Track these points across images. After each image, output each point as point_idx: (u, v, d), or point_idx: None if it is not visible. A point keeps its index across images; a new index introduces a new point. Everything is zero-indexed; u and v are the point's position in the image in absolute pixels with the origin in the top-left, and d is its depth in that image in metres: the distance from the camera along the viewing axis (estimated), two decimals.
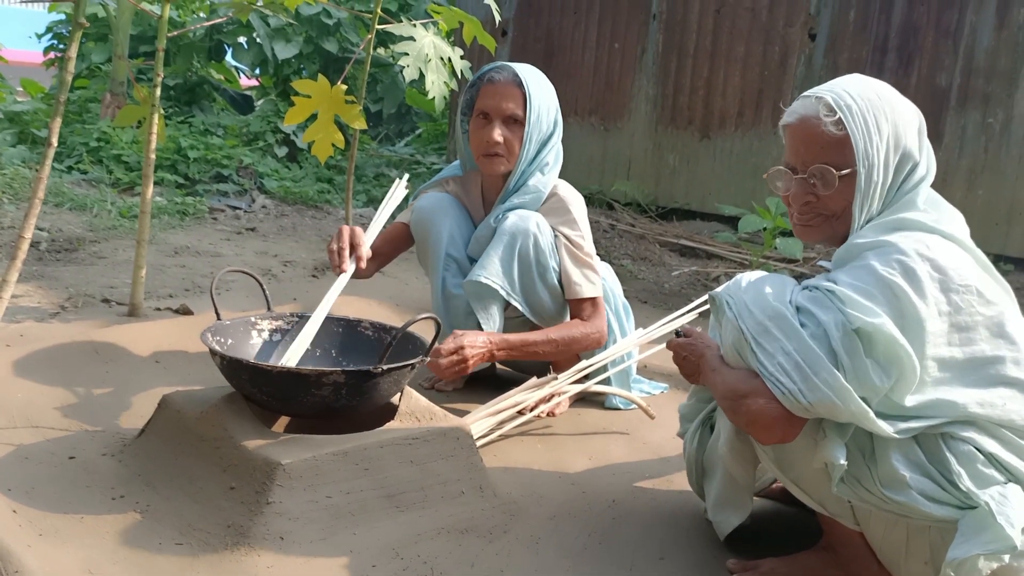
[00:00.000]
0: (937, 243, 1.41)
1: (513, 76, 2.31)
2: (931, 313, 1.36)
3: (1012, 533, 1.30)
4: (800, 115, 1.52)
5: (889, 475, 1.38)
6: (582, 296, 2.33)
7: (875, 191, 1.48)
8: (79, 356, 2.38)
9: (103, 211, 4.53)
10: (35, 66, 9.75)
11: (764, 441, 1.46)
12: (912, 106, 1.53)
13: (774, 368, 1.39)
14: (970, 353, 1.39)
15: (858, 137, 1.46)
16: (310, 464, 1.62)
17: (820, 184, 1.51)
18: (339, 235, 2.16)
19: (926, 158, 1.51)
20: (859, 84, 1.51)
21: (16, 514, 1.60)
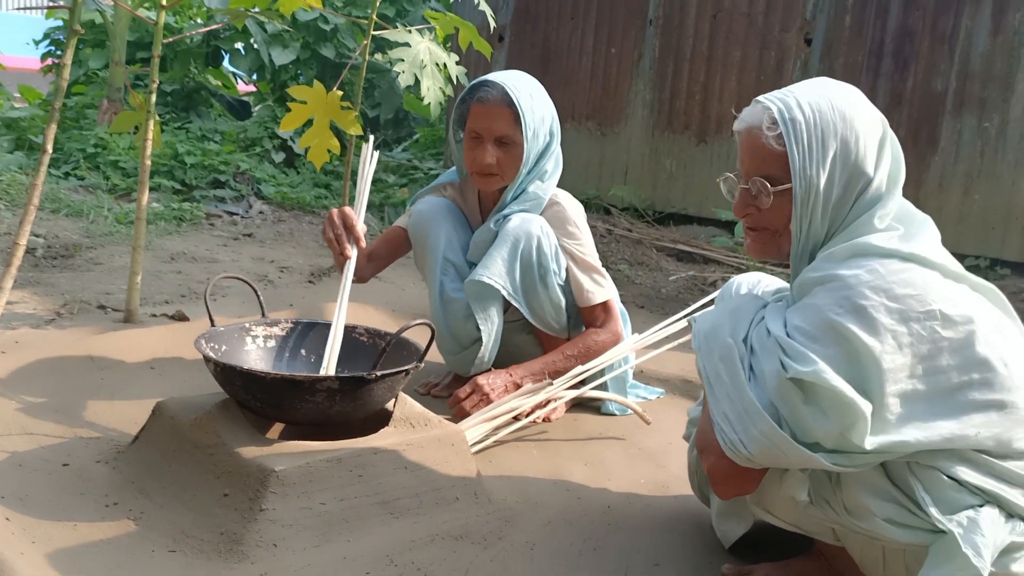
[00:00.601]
0: (894, 269, 1.32)
1: (503, 96, 2.26)
2: (888, 349, 1.27)
3: (978, 563, 1.24)
4: (747, 124, 1.46)
5: (854, 503, 1.34)
6: (594, 302, 2.36)
7: (816, 211, 1.40)
8: (74, 363, 2.37)
9: (100, 217, 4.52)
10: (33, 72, 9.76)
11: (722, 496, 1.44)
12: (873, 117, 1.42)
13: (719, 417, 1.36)
14: (935, 384, 1.29)
15: (796, 154, 1.39)
16: (304, 471, 1.62)
17: (758, 197, 1.45)
18: (330, 222, 2.09)
19: (885, 172, 1.41)
20: (815, 93, 1.42)
21: (9, 521, 1.59)
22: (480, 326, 2.32)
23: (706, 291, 4.15)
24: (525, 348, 2.50)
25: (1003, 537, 1.28)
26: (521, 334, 2.48)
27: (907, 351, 1.28)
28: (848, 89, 1.45)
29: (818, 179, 1.38)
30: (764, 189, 1.44)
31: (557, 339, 2.43)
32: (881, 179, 1.41)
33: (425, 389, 2.53)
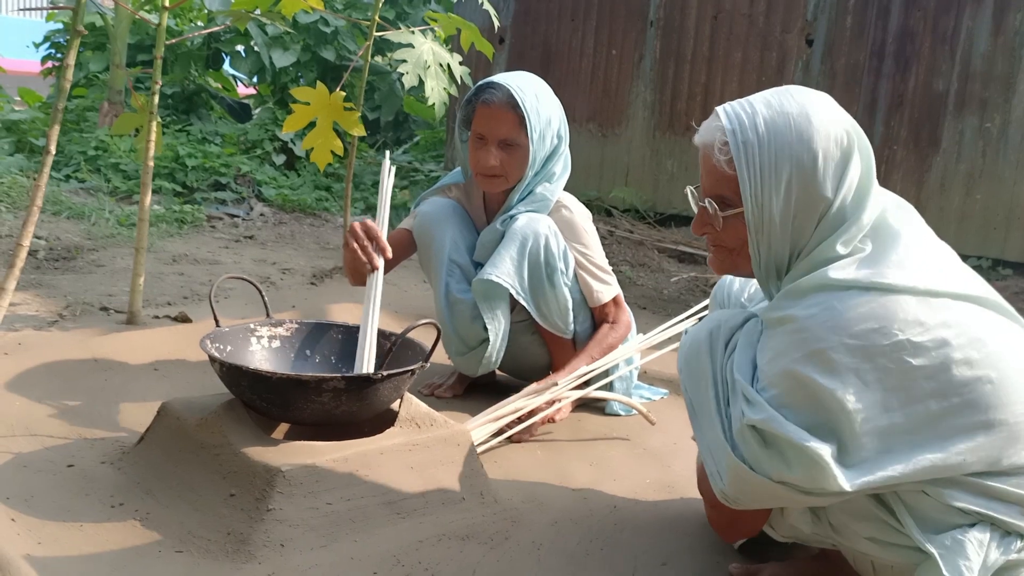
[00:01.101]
0: (852, 304, 1.25)
1: (508, 98, 2.24)
2: (851, 390, 1.21)
3: None
4: (702, 140, 1.40)
5: (837, 521, 1.33)
6: (604, 301, 2.42)
7: (773, 235, 1.35)
8: (77, 364, 2.37)
9: (101, 219, 4.52)
10: (33, 75, 9.75)
11: (729, 541, 1.45)
12: (836, 134, 1.32)
13: (704, 449, 1.35)
14: (914, 415, 1.22)
15: (747, 180, 1.32)
16: (310, 471, 1.61)
17: (711, 217, 1.41)
18: (354, 234, 2.01)
19: (850, 191, 1.33)
20: (775, 108, 1.34)
21: (15, 522, 1.59)
22: (487, 326, 2.32)
23: (708, 292, 4.14)
24: (530, 349, 2.49)
25: (995, 558, 1.23)
26: (526, 335, 2.48)
27: (875, 387, 1.22)
28: (814, 102, 1.35)
29: (771, 204, 1.32)
30: (715, 211, 1.40)
31: (562, 340, 2.43)
32: (845, 198, 1.33)
33: (429, 390, 2.53)
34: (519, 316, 2.44)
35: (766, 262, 1.38)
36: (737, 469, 1.28)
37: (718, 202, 1.39)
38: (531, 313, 2.34)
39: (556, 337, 2.43)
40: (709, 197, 1.40)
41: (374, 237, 2.00)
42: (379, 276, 1.97)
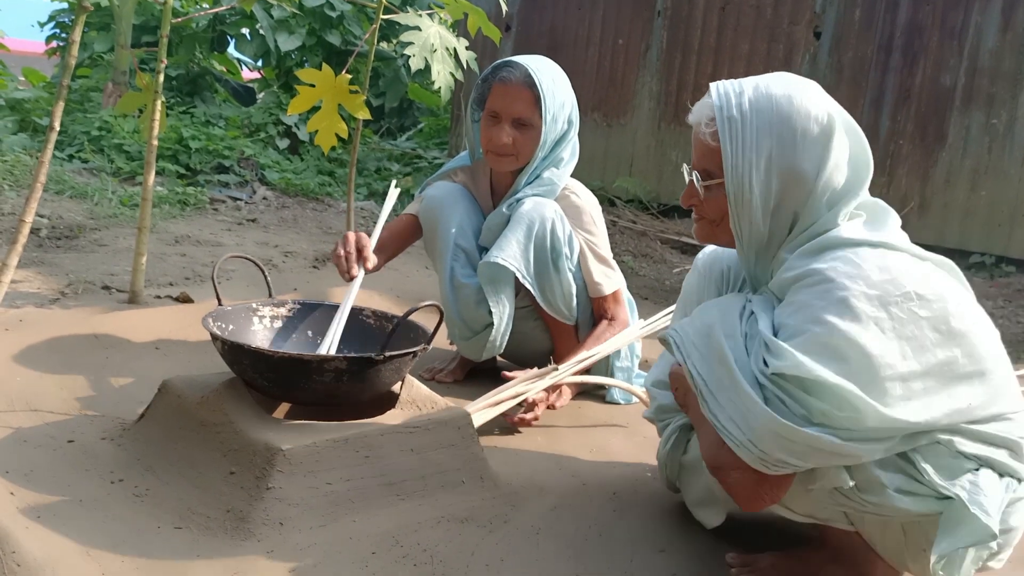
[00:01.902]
0: (867, 256, 1.34)
1: (525, 77, 2.27)
2: (872, 336, 1.26)
3: (989, 521, 1.27)
4: (694, 118, 1.50)
5: (866, 479, 1.34)
6: (604, 294, 2.41)
7: (754, 210, 1.42)
8: (79, 342, 2.37)
9: (104, 199, 4.52)
10: (37, 55, 9.74)
11: (752, 510, 1.41)
12: (818, 116, 1.40)
13: (726, 422, 1.33)
14: (925, 362, 1.29)
15: (729, 152, 1.41)
16: (311, 450, 1.61)
17: (696, 187, 1.50)
18: (344, 241, 2.11)
19: (836, 171, 1.41)
20: (761, 89, 1.43)
21: (14, 496, 1.59)
22: (492, 310, 2.32)
23: None
24: (533, 335, 2.49)
25: (1002, 495, 1.32)
26: (529, 320, 2.48)
27: (891, 335, 1.28)
28: (799, 86, 1.44)
29: (750, 177, 1.40)
30: (699, 182, 1.49)
31: (565, 326, 2.42)
32: (831, 179, 1.41)
33: (430, 374, 2.53)
34: (522, 302, 2.44)
35: (748, 238, 1.46)
36: (773, 425, 1.28)
37: (702, 174, 1.49)
38: (535, 298, 2.34)
39: (559, 324, 2.43)
40: (696, 170, 1.51)
41: (361, 248, 2.11)
42: (356, 283, 2.07)
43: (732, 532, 1.73)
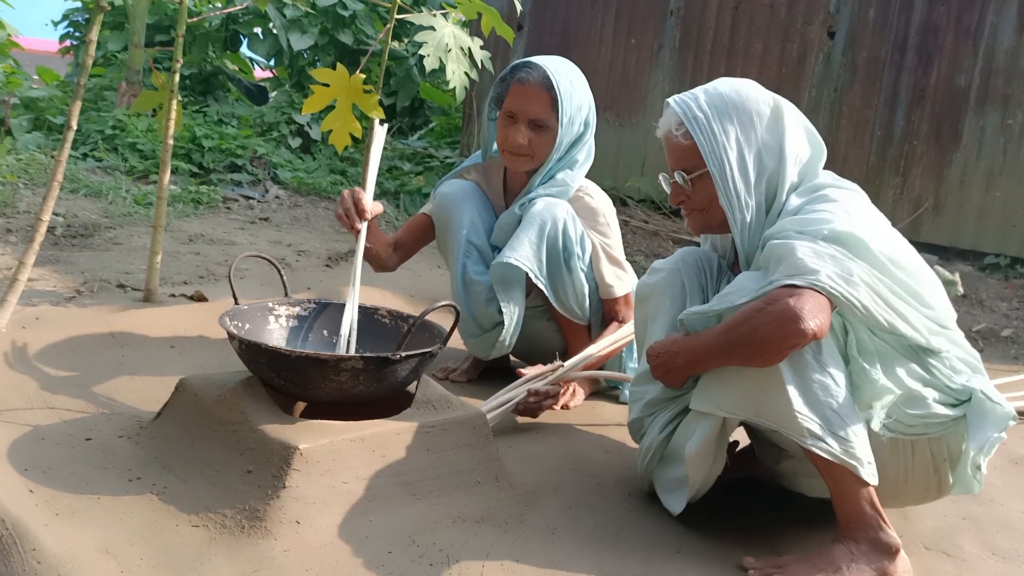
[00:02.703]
0: (849, 193, 1.67)
1: (544, 79, 2.27)
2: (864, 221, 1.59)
3: (1008, 407, 1.56)
4: (662, 130, 1.76)
5: (908, 395, 1.56)
6: (616, 296, 2.41)
7: (738, 183, 1.67)
8: (95, 340, 2.38)
9: (118, 198, 4.54)
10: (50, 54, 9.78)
11: (801, 334, 1.47)
12: (765, 99, 1.69)
13: (750, 307, 1.54)
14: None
15: (704, 143, 1.67)
16: (327, 449, 1.62)
17: (683, 185, 1.74)
18: (341, 199, 2.16)
19: (796, 143, 1.69)
20: (711, 91, 1.71)
21: (33, 493, 1.60)
22: (503, 309, 2.32)
23: None
24: (545, 335, 2.49)
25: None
26: (541, 320, 2.48)
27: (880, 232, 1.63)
28: (741, 82, 1.73)
29: (727, 156, 1.66)
30: (684, 179, 1.73)
31: (578, 326, 2.42)
32: (795, 149, 1.69)
33: (443, 374, 2.53)
34: (535, 301, 2.44)
35: (740, 210, 1.68)
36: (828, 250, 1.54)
37: (684, 171, 1.73)
38: (548, 297, 2.34)
39: (571, 323, 2.42)
40: (677, 171, 1.75)
41: (356, 200, 2.13)
42: (361, 238, 2.10)
43: (746, 535, 1.73)
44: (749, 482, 1.95)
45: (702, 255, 1.89)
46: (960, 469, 1.59)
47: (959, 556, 1.76)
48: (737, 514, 1.83)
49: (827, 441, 1.51)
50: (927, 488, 1.67)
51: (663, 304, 1.85)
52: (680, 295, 1.83)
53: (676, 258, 1.89)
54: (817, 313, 1.48)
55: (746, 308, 1.55)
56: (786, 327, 1.48)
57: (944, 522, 1.90)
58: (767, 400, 1.56)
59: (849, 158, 4.89)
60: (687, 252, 1.90)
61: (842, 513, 1.58)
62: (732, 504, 1.85)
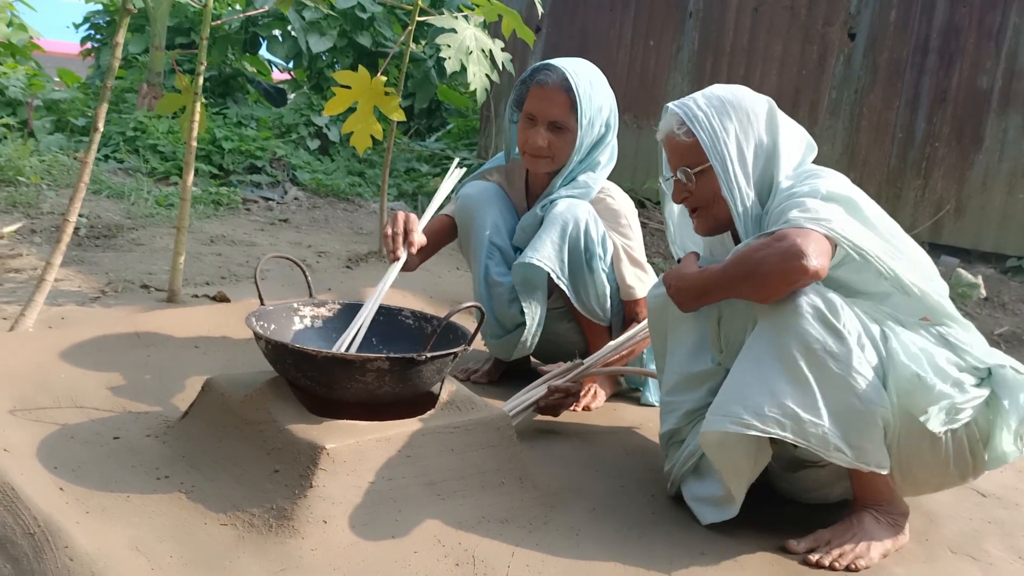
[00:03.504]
0: (835, 173, 1.74)
1: (562, 81, 2.28)
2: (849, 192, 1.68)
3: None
4: (663, 132, 1.84)
5: (958, 385, 1.58)
6: (636, 297, 2.41)
7: (738, 174, 1.75)
8: (121, 340, 2.40)
9: (140, 199, 4.57)
10: (71, 57, 9.87)
11: (803, 270, 1.53)
12: (760, 100, 1.79)
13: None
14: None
15: (705, 138, 1.75)
16: (354, 449, 1.63)
17: (686, 182, 1.80)
18: (394, 220, 2.08)
19: (789, 137, 1.79)
20: (708, 94, 1.80)
21: (63, 491, 1.61)
22: (525, 310, 2.33)
23: None
24: (567, 336, 2.49)
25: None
26: (563, 322, 2.48)
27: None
28: (736, 86, 1.83)
29: (728, 150, 1.75)
30: (687, 174, 1.80)
31: (599, 327, 2.42)
32: (790, 146, 1.78)
33: (465, 375, 2.54)
34: (556, 303, 2.44)
35: (742, 200, 1.75)
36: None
37: (687, 168, 1.80)
38: (570, 298, 2.34)
39: (593, 324, 2.43)
40: (679, 168, 1.81)
41: (409, 230, 2.06)
42: (396, 267, 2.03)
43: (770, 536, 1.73)
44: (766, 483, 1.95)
45: (707, 261, 1.89)
46: (994, 444, 1.62)
47: (985, 560, 1.75)
48: (759, 515, 1.82)
49: (845, 452, 1.58)
50: (964, 473, 1.68)
51: (677, 323, 1.91)
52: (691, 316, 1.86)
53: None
54: (820, 253, 1.55)
55: (754, 242, 1.63)
56: (790, 262, 1.54)
57: (969, 526, 1.89)
58: (798, 416, 1.57)
59: (870, 160, 4.87)
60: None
61: (859, 489, 1.71)
62: (753, 504, 1.85)
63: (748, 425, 1.58)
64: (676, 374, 1.89)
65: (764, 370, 1.60)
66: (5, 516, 1.51)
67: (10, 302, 2.72)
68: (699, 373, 1.85)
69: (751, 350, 1.64)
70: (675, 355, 1.90)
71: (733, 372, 1.67)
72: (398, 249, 2.05)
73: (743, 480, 1.70)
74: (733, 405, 1.62)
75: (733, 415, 1.61)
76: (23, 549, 1.44)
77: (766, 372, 1.59)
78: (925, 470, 1.65)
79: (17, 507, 1.52)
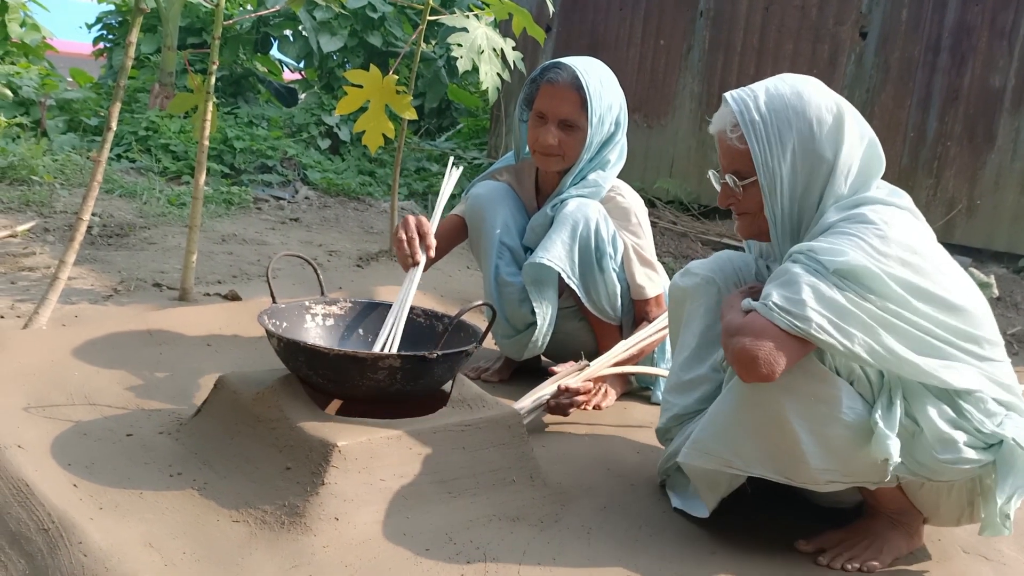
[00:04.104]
0: (892, 212, 1.56)
1: (573, 79, 2.28)
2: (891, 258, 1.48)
3: None
4: (716, 127, 1.68)
5: (938, 437, 1.48)
6: (647, 296, 2.41)
7: (783, 196, 1.61)
8: (133, 338, 2.42)
9: (152, 198, 4.59)
10: (84, 57, 9.91)
11: (754, 375, 1.48)
12: (827, 105, 1.60)
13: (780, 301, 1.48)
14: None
15: (757, 151, 1.59)
16: (365, 447, 1.63)
17: (734, 188, 1.67)
18: (406, 225, 2.07)
19: (850, 154, 1.60)
20: (772, 91, 1.61)
21: (77, 488, 1.63)
22: (535, 310, 2.33)
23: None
24: (577, 335, 2.50)
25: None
26: (573, 321, 2.48)
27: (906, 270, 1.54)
28: (804, 82, 1.64)
29: (780, 169, 1.59)
30: (735, 183, 1.66)
31: (610, 326, 2.43)
32: (848, 160, 1.60)
33: (476, 373, 2.54)
34: (567, 302, 2.44)
35: (781, 222, 1.63)
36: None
37: (736, 175, 1.66)
38: (580, 297, 2.34)
39: (603, 324, 2.43)
40: (728, 173, 1.67)
41: (424, 234, 2.06)
42: (418, 271, 2.03)
43: (781, 535, 1.72)
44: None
45: (740, 263, 1.86)
46: (989, 511, 1.54)
47: (998, 560, 1.74)
48: (771, 515, 1.82)
49: (844, 481, 1.57)
50: (959, 517, 1.64)
51: (696, 311, 1.85)
52: (714, 306, 1.81)
53: (712, 264, 1.86)
54: (772, 358, 1.46)
55: (730, 322, 1.54)
56: (740, 369, 1.50)
57: None
58: (784, 459, 1.57)
59: None
60: (724, 259, 1.87)
61: (872, 496, 1.67)
62: (765, 505, 1.85)
63: (731, 465, 1.61)
64: (675, 375, 1.89)
65: (747, 413, 1.58)
66: (20, 512, 1.52)
67: (24, 300, 2.74)
68: (693, 379, 1.84)
69: (736, 388, 1.59)
70: (679, 355, 1.89)
71: (719, 404, 1.65)
72: (416, 253, 2.04)
73: (718, 493, 1.69)
74: (715, 444, 1.62)
75: (715, 454, 1.62)
76: (37, 545, 1.45)
77: (749, 416, 1.58)
78: (918, 503, 1.64)
79: (31, 503, 1.53)
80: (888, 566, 1.65)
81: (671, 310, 1.95)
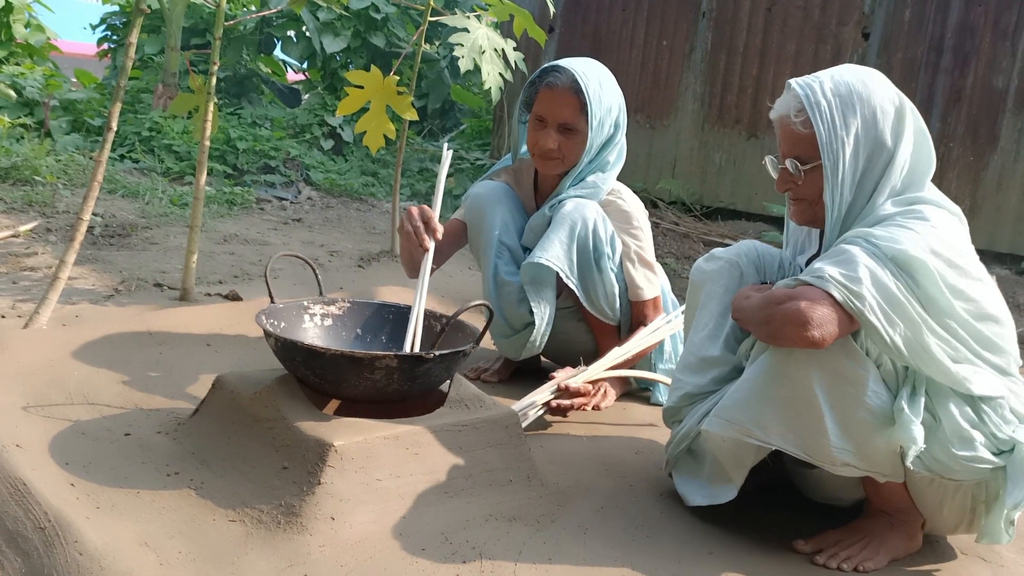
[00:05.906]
0: (946, 216, 1.61)
1: (572, 83, 2.27)
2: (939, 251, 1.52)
3: None
4: (779, 112, 1.69)
5: (957, 433, 1.52)
6: (644, 299, 2.41)
7: (843, 181, 1.61)
8: (133, 337, 2.42)
9: (155, 199, 4.60)
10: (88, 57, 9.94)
11: (803, 340, 1.48)
12: (891, 96, 1.62)
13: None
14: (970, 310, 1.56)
15: (823, 134, 1.60)
16: (362, 447, 1.63)
17: (794, 174, 1.67)
18: (409, 215, 2.06)
19: (908, 147, 1.63)
20: (837, 78, 1.63)
21: (74, 487, 1.63)
22: (533, 309, 2.33)
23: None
24: (576, 335, 2.49)
25: None
26: (572, 321, 2.48)
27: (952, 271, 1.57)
28: (869, 73, 1.65)
29: (843, 153, 1.60)
30: (797, 168, 1.67)
31: (608, 327, 2.42)
32: (907, 150, 1.62)
33: (475, 374, 2.54)
34: (565, 302, 2.44)
35: (839, 208, 1.63)
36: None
37: (798, 160, 1.66)
38: (579, 297, 2.34)
39: (602, 324, 2.43)
40: (789, 158, 1.67)
41: (427, 219, 2.04)
42: (428, 257, 2.01)
43: (779, 535, 1.72)
44: (775, 485, 1.94)
45: (763, 250, 1.86)
46: (992, 518, 1.56)
47: (996, 561, 1.74)
48: (769, 514, 1.82)
49: (858, 466, 1.58)
50: (958, 524, 1.65)
51: (715, 291, 1.84)
52: (735, 289, 1.80)
53: (737, 249, 1.86)
54: (825, 323, 1.48)
55: (778, 292, 1.56)
56: (792, 328, 1.50)
57: None
58: (805, 433, 1.57)
59: None
60: (749, 246, 1.88)
61: (874, 494, 1.68)
62: (762, 504, 1.84)
63: (751, 435, 1.61)
64: (690, 353, 1.87)
65: (775, 385, 1.59)
66: (16, 511, 1.53)
67: (25, 300, 2.74)
68: (708, 358, 1.82)
69: (766, 361, 1.61)
70: (696, 334, 1.87)
71: (746, 376, 1.66)
72: (424, 240, 2.02)
73: (745, 466, 1.69)
74: (738, 413, 1.63)
75: (737, 423, 1.62)
76: (33, 543, 1.46)
77: (777, 387, 1.59)
78: (920, 505, 1.65)
79: (28, 502, 1.54)
80: (885, 567, 1.65)
81: (690, 293, 1.93)
